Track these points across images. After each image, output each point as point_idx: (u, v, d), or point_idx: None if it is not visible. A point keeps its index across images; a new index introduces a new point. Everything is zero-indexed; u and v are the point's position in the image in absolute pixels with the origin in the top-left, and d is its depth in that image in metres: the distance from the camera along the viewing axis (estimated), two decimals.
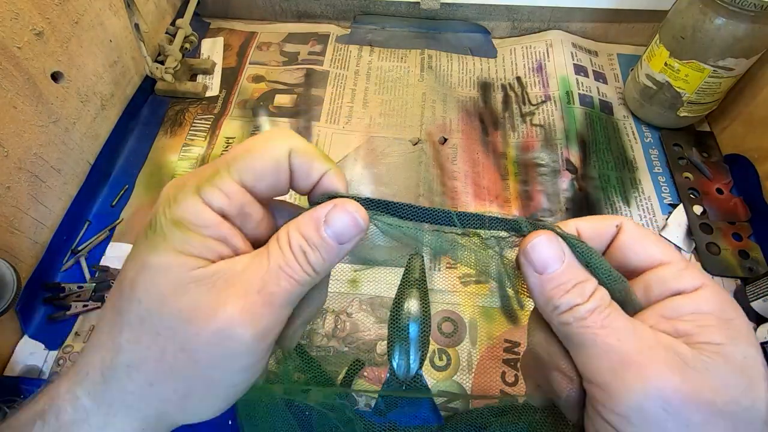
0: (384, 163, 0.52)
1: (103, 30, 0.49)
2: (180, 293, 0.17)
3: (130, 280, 0.18)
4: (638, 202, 0.49)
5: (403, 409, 0.23)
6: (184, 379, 0.18)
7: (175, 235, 0.17)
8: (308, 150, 0.19)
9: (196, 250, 0.17)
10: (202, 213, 0.18)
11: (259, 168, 0.18)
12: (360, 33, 0.65)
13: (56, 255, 0.44)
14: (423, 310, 0.24)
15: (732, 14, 0.42)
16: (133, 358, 0.18)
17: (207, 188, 0.18)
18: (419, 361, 0.23)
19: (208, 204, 0.18)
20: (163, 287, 0.17)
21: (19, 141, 0.39)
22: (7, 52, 0.38)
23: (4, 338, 0.39)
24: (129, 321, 0.18)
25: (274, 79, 0.59)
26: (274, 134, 0.19)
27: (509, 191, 0.50)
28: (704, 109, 0.51)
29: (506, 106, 0.57)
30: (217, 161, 0.19)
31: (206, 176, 0.18)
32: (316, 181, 0.20)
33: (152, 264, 0.17)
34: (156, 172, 0.51)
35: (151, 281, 0.17)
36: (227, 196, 0.18)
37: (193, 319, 0.17)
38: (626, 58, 0.62)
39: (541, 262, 0.19)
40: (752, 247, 0.45)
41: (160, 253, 0.17)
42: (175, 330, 0.17)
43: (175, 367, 0.18)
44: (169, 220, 0.17)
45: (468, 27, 0.64)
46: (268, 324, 0.18)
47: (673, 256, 0.20)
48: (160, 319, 0.17)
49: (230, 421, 0.36)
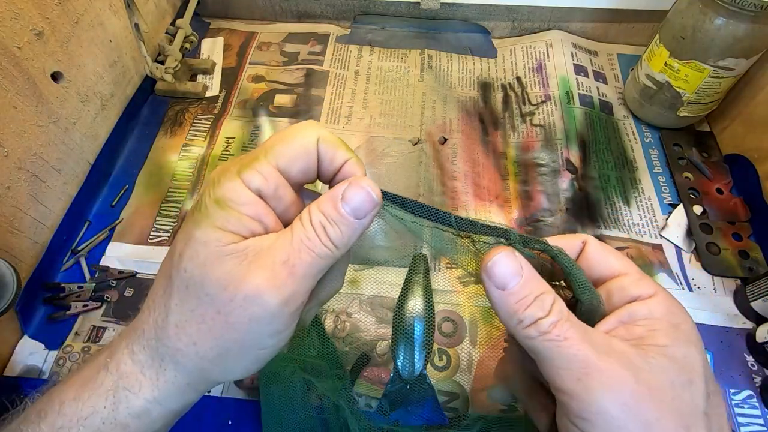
0: (384, 163, 0.52)
1: (103, 30, 0.49)
2: (217, 264, 0.20)
3: (178, 252, 0.21)
4: (638, 202, 0.49)
5: (406, 408, 0.23)
6: (221, 340, 0.20)
7: (216, 212, 0.20)
8: (333, 139, 0.22)
9: (233, 227, 0.20)
10: (241, 192, 0.20)
11: (291, 153, 0.21)
12: (360, 33, 0.65)
13: (56, 255, 0.44)
14: (427, 309, 0.24)
15: (732, 14, 0.42)
16: (181, 319, 0.20)
17: (247, 171, 0.20)
18: (424, 361, 0.23)
19: (247, 184, 0.20)
20: (203, 258, 0.20)
21: (19, 141, 0.39)
22: (7, 52, 0.38)
23: (4, 338, 0.39)
24: (177, 287, 0.20)
25: (274, 79, 0.59)
26: (305, 125, 0.22)
27: (509, 191, 0.50)
28: (704, 109, 0.51)
29: (506, 106, 0.57)
30: (256, 149, 0.21)
31: (247, 161, 0.21)
32: (339, 168, 0.22)
33: (196, 238, 0.20)
34: (156, 172, 0.51)
35: (194, 253, 0.20)
36: (264, 177, 0.20)
37: (227, 287, 0.20)
38: (626, 58, 0.62)
39: (501, 278, 0.21)
40: (752, 247, 0.45)
41: (203, 228, 0.20)
42: (213, 296, 0.20)
43: (213, 328, 0.20)
44: (212, 200, 0.20)
45: (468, 27, 0.64)
46: (291, 292, 0.20)
47: (631, 267, 0.23)
48: (201, 286, 0.20)
49: (230, 421, 0.36)
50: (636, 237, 0.46)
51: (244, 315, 0.20)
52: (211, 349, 0.21)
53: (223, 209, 0.20)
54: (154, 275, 0.43)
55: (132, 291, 0.43)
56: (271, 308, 0.20)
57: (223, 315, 0.20)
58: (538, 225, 0.47)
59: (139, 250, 0.45)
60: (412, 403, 0.23)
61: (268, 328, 0.20)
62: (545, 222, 0.47)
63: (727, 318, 0.42)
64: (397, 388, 0.23)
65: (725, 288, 0.44)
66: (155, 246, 0.46)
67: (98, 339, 0.41)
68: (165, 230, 0.47)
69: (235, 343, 0.21)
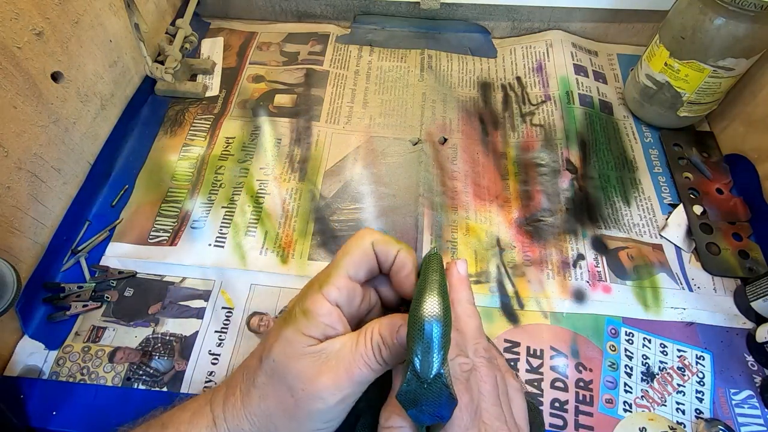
0: (384, 163, 0.52)
1: (103, 30, 0.49)
2: (298, 360, 0.26)
3: (270, 344, 0.27)
4: (638, 201, 0.49)
5: (421, 407, 0.23)
6: (288, 417, 0.26)
7: (302, 320, 0.27)
8: (385, 239, 0.29)
9: (313, 332, 0.26)
10: (322, 304, 0.27)
11: (356, 261, 0.28)
12: (360, 33, 0.65)
13: (56, 255, 0.44)
14: (445, 309, 0.24)
15: (732, 14, 0.42)
16: (263, 393, 0.27)
17: (326, 286, 0.27)
18: (441, 360, 0.23)
19: (326, 297, 0.27)
20: (289, 353, 0.26)
21: (19, 141, 0.39)
22: (7, 52, 0.38)
23: (4, 338, 0.39)
24: (265, 370, 0.27)
25: (274, 79, 0.59)
26: (361, 234, 0.29)
27: (509, 191, 0.50)
28: (704, 109, 0.51)
29: (506, 106, 0.57)
30: (329, 266, 0.29)
31: (323, 278, 0.28)
32: (393, 259, 0.29)
33: (285, 337, 0.27)
34: (156, 172, 0.51)
35: (282, 348, 0.27)
36: (339, 289, 0.27)
37: (303, 379, 0.26)
38: (626, 58, 0.62)
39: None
40: (752, 247, 0.45)
41: (290, 331, 0.27)
42: (291, 384, 0.26)
43: (287, 407, 0.26)
44: (300, 310, 0.27)
45: (468, 27, 0.64)
46: (346, 394, 0.26)
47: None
48: (284, 374, 0.26)
49: None
50: (636, 237, 0.46)
51: (310, 405, 0.26)
52: (280, 420, 0.26)
53: (307, 318, 0.27)
54: (154, 275, 0.44)
55: (132, 291, 0.43)
56: (330, 404, 0.25)
57: (294, 399, 0.26)
58: (538, 225, 0.47)
59: (139, 250, 0.45)
60: (426, 402, 0.23)
61: (325, 416, 0.26)
62: (545, 222, 0.47)
63: (727, 318, 0.42)
64: (413, 388, 0.23)
65: (725, 288, 0.44)
66: (155, 246, 0.46)
67: (98, 339, 0.41)
68: (165, 230, 0.47)
69: (297, 422, 0.26)
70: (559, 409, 0.37)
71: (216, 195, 0.49)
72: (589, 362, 0.39)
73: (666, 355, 0.40)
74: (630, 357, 0.40)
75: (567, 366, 0.39)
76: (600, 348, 0.40)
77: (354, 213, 0.48)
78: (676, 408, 0.38)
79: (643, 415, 0.37)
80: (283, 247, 0.46)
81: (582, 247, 0.46)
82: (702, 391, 0.39)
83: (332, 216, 0.48)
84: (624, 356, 0.40)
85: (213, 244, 0.46)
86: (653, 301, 0.43)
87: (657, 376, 0.39)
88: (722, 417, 0.37)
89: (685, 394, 0.38)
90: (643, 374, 0.39)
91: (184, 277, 0.44)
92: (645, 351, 0.40)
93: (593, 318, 0.42)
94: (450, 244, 0.46)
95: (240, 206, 0.48)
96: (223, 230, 0.46)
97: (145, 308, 0.42)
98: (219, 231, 0.46)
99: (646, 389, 0.39)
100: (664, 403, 0.38)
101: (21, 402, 0.37)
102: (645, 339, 0.41)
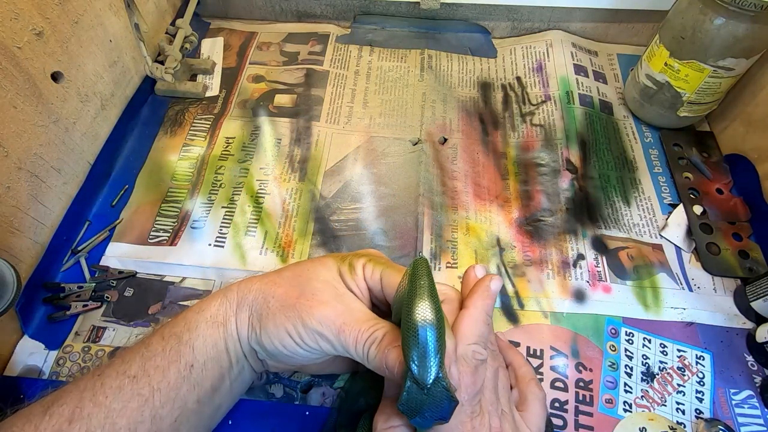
0: (384, 163, 0.52)
1: (103, 30, 0.49)
2: (323, 282, 0.30)
3: (311, 260, 0.33)
4: (638, 202, 0.49)
5: (423, 415, 0.23)
6: (280, 306, 0.29)
7: (345, 269, 0.31)
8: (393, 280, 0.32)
9: (345, 279, 0.31)
10: (359, 268, 0.31)
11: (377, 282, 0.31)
12: (360, 33, 0.65)
13: (56, 255, 0.44)
14: (437, 313, 0.24)
15: (732, 14, 0.42)
16: (279, 280, 0.31)
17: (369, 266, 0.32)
18: (439, 364, 0.23)
19: (363, 267, 0.31)
20: (320, 272, 0.31)
21: (19, 141, 0.39)
22: (7, 52, 0.38)
23: (4, 338, 0.39)
24: (293, 269, 0.32)
25: (274, 79, 0.59)
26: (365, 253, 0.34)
27: (509, 191, 0.50)
28: (704, 109, 0.51)
29: (506, 106, 0.57)
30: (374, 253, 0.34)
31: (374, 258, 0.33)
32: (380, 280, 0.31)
33: (328, 264, 0.32)
34: (156, 172, 0.51)
35: (319, 266, 0.31)
36: (371, 277, 0.31)
37: (316, 294, 0.29)
38: (626, 58, 0.62)
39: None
40: (752, 247, 0.45)
41: (336, 265, 0.32)
42: (305, 289, 0.30)
43: (287, 298, 0.29)
44: (347, 263, 0.32)
45: (468, 27, 0.64)
46: (327, 342, 0.28)
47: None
48: (307, 280, 0.30)
49: (230, 421, 0.36)
50: (636, 237, 0.46)
51: (302, 314, 0.28)
52: (275, 302, 0.29)
53: (349, 270, 0.31)
54: (154, 275, 0.44)
55: (132, 291, 0.43)
56: (311, 327, 0.28)
57: (296, 299, 0.29)
58: (538, 225, 0.47)
59: (139, 250, 0.45)
60: (428, 408, 0.23)
61: (298, 338, 0.28)
62: (545, 222, 0.47)
63: (727, 318, 0.42)
64: (413, 396, 0.23)
65: (725, 288, 0.44)
66: (155, 246, 0.46)
67: (98, 339, 0.41)
68: (165, 230, 0.47)
69: (285, 317, 0.28)
70: (559, 409, 0.37)
71: (216, 195, 0.49)
72: (589, 362, 0.40)
73: (666, 355, 0.40)
74: (630, 357, 0.40)
75: (567, 366, 0.39)
76: (600, 348, 0.40)
77: (354, 213, 0.48)
78: (676, 408, 0.38)
79: (643, 415, 0.37)
80: (283, 247, 0.46)
81: (582, 247, 0.46)
82: (702, 391, 0.39)
83: (332, 216, 0.48)
84: (624, 356, 0.40)
85: (213, 244, 0.46)
86: (653, 301, 0.43)
87: (657, 376, 0.39)
88: (722, 417, 0.37)
89: (685, 394, 0.38)
90: (643, 374, 0.39)
91: (184, 277, 0.44)
92: (645, 351, 0.40)
93: (593, 318, 0.42)
94: (450, 244, 0.46)
95: (240, 206, 0.48)
96: (223, 230, 0.47)
97: (145, 308, 0.42)
98: (219, 231, 0.46)
99: (646, 389, 0.39)
100: (664, 403, 0.38)
101: (21, 402, 0.37)
102: (645, 339, 0.41)
